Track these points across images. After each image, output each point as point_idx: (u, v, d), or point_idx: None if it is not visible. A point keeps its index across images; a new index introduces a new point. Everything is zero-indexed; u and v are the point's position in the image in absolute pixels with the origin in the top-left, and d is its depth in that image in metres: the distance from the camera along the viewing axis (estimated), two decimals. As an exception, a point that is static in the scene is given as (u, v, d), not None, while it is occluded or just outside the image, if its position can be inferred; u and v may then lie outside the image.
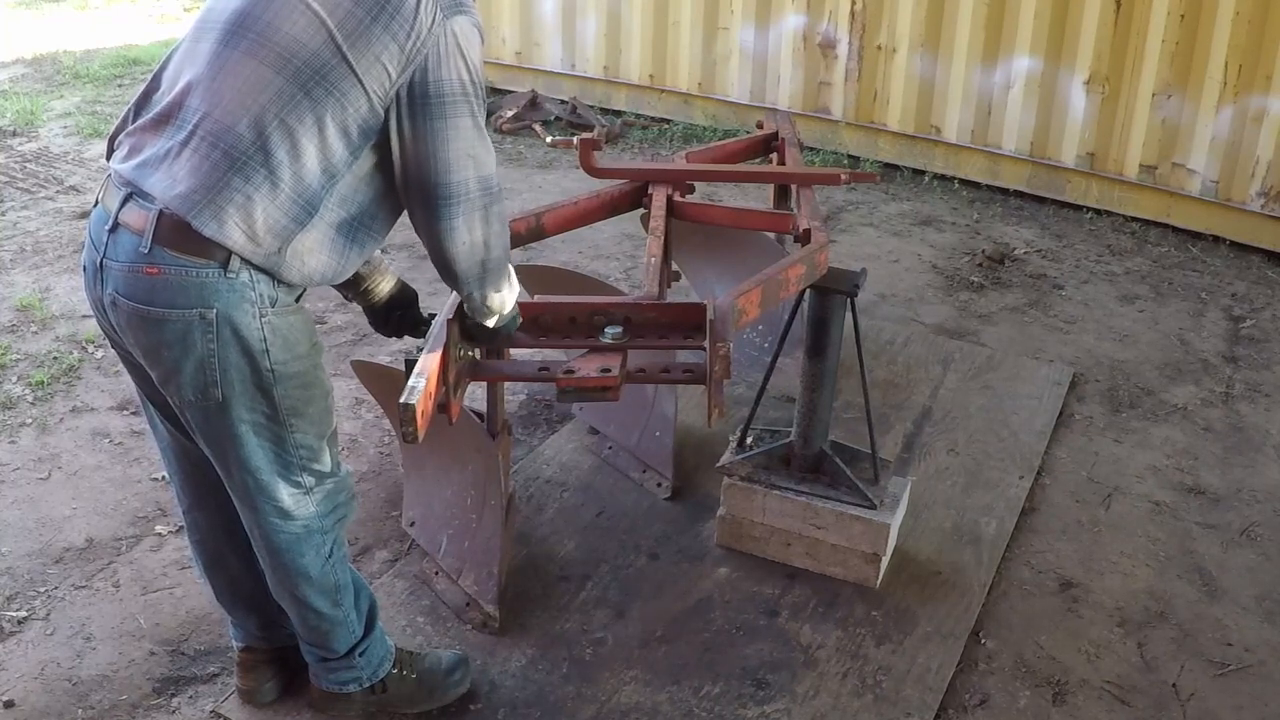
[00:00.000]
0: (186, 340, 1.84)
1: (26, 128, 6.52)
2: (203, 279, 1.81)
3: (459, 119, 1.87)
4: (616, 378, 2.20)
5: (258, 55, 1.80)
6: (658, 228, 2.84)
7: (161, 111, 1.86)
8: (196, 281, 1.81)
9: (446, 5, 1.86)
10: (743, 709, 2.46)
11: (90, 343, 3.97)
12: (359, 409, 3.61)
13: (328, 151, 1.84)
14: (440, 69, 1.85)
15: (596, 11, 6.78)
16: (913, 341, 4.14)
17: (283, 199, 1.82)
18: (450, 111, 1.86)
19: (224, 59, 1.82)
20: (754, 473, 2.90)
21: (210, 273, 1.81)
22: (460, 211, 1.91)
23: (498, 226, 1.99)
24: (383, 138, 1.88)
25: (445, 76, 1.85)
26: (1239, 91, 4.95)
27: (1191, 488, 3.35)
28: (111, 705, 2.44)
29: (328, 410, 2.09)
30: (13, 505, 3.09)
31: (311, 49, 1.80)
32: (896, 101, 5.93)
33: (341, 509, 2.19)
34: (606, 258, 4.90)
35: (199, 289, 1.81)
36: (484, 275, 2.03)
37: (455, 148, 1.88)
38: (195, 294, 1.81)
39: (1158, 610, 2.83)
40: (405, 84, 1.84)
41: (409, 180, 1.90)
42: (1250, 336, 4.35)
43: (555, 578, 2.85)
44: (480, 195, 1.93)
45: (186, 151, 1.81)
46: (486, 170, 1.94)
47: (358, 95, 1.82)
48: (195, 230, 1.78)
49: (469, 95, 1.89)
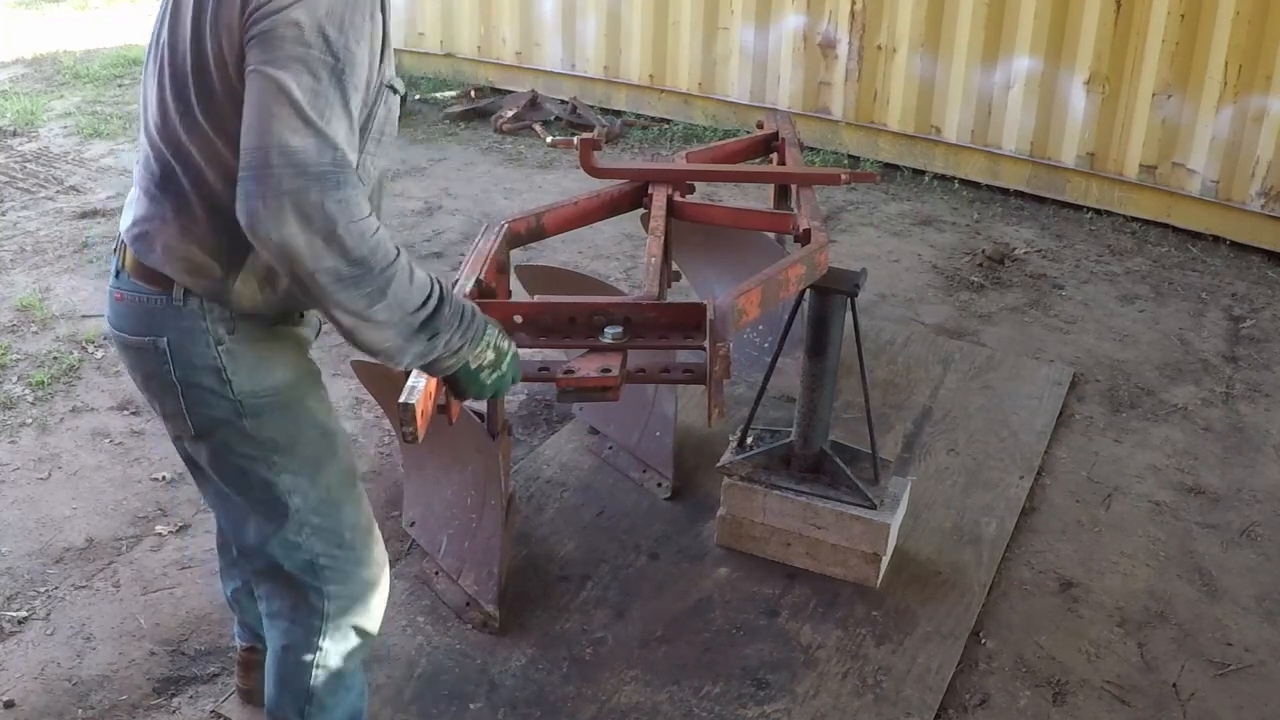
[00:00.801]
0: (150, 368, 1.75)
1: (26, 128, 6.52)
2: (152, 306, 1.71)
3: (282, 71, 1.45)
4: (616, 378, 2.20)
5: (158, 74, 1.66)
6: (658, 228, 2.84)
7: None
8: (148, 309, 1.72)
9: None
10: (743, 709, 2.46)
11: (90, 343, 3.97)
12: (359, 409, 3.61)
13: (226, 165, 1.58)
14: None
15: (596, 11, 6.78)
16: (913, 341, 4.14)
17: (201, 225, 1.65)
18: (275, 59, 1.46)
19: (145, 80, 1.73)
20: (754, 473, 2.90)
21: (158, 300, 1.71)
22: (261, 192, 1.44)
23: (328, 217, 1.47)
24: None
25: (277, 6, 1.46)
26: (1239, 91, 4.95)
27: (1191, 488, 3.35)
28: (111, 705, 2.44)
29: (329, 453, 1.85)
30: (13, 505, 3.09)
31: (182, 52, 1.59)
32: (896, 101, 5.93)
33: (356, 636, 1.96)
34: (606, 258, 4.90)
35: (149, 316, 1.72)
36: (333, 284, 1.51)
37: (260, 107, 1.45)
38: (148, 322, 1.72)
39: (1158, 610, 2.83)
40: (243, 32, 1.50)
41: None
42: (1250, 336, 4.35)
43: (555, 578, 2.86)
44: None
45: (138, 172, 1.75)
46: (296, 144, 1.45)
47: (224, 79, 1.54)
48: (139, 259, 1.71)
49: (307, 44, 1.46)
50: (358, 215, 1.46)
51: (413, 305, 1.56)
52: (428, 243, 5.04)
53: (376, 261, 1.49)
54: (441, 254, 4.91)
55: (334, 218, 1.44)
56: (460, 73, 7.52)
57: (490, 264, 2.53)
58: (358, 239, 1.46)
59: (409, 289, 1.54)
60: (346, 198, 1.45)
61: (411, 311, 1.56)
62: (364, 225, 1.47)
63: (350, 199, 1.46)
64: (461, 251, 4.78)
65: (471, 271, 2.45)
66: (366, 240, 1.47)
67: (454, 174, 6.03)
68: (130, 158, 6.08)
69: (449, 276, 2.51)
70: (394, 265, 1.51)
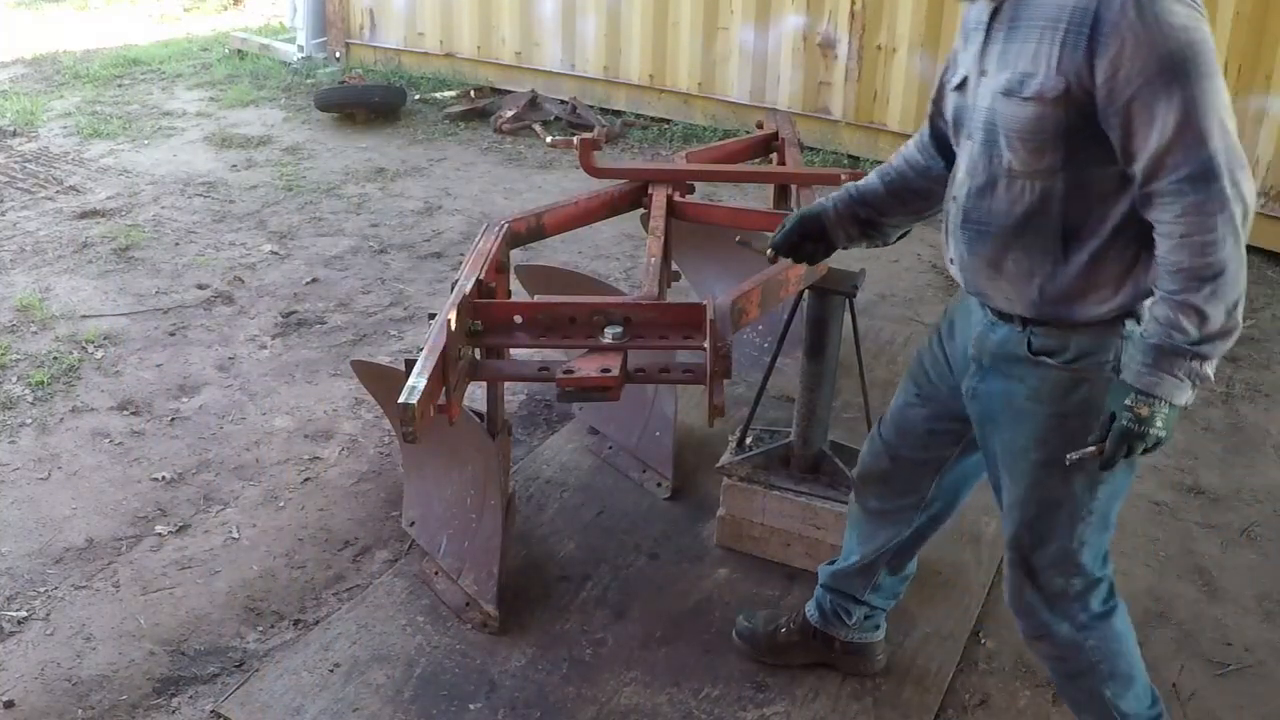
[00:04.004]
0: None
1: (26, 128, 6.52)
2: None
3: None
4: (616, 378, 2.20)
5: None
6: (658, 228, 2.84)
7: None
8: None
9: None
10: (742, 711, 2.46)
11: (90, 343, 3.97)
12: (359, 409, 3.61)
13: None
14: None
15: (596, 11, 6.78)
16: (912, 341, 4.13)
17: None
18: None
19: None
20: (753, 473, 2.90)
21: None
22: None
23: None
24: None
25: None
26: (1239, 92, 4.95)
27: (1191, 488, 3.35)
28: (111, 705, 2.44)
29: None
30: (13, 505, 3.09)
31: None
32: (896, 101, 5.93)
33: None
34: (606, 258, 4.90)
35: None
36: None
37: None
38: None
39: (1158, 610, 2.83)
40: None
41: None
42: (1250, 336, 4.35)
43: (555, 578, 2.86)
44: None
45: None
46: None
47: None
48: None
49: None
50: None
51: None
52: (428, 243, 5.04)
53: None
54: (441, 254, 4.91)
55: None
56: (460, 73, 7.53)
57: (490, 264, 2.53)
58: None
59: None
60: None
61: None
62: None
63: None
64: (461, 251, 4.78)
65: (471, 271, 2.45)
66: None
67: (454, 174, 6.03)
68: (130, 158, 6.08)
69: (449, 276, 2.51)
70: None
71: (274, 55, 8.23)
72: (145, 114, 6.90)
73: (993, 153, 1.81)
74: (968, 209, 1.88)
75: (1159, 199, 1.66)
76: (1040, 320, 1.84)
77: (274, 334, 4.12)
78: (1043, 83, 1.69)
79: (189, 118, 6.88)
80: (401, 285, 4.57)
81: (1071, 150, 1.72)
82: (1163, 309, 1.69)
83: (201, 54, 8.53)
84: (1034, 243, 1.80)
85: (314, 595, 2.79)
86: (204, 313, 4.27)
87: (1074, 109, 1.68)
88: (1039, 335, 1.85)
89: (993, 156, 1.81)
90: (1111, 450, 1.74)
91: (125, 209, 5.32)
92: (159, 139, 6.44)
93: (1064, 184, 1.75)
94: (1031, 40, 1.72)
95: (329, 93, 6.88)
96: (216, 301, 4.37)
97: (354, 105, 6.78)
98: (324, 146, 6.41)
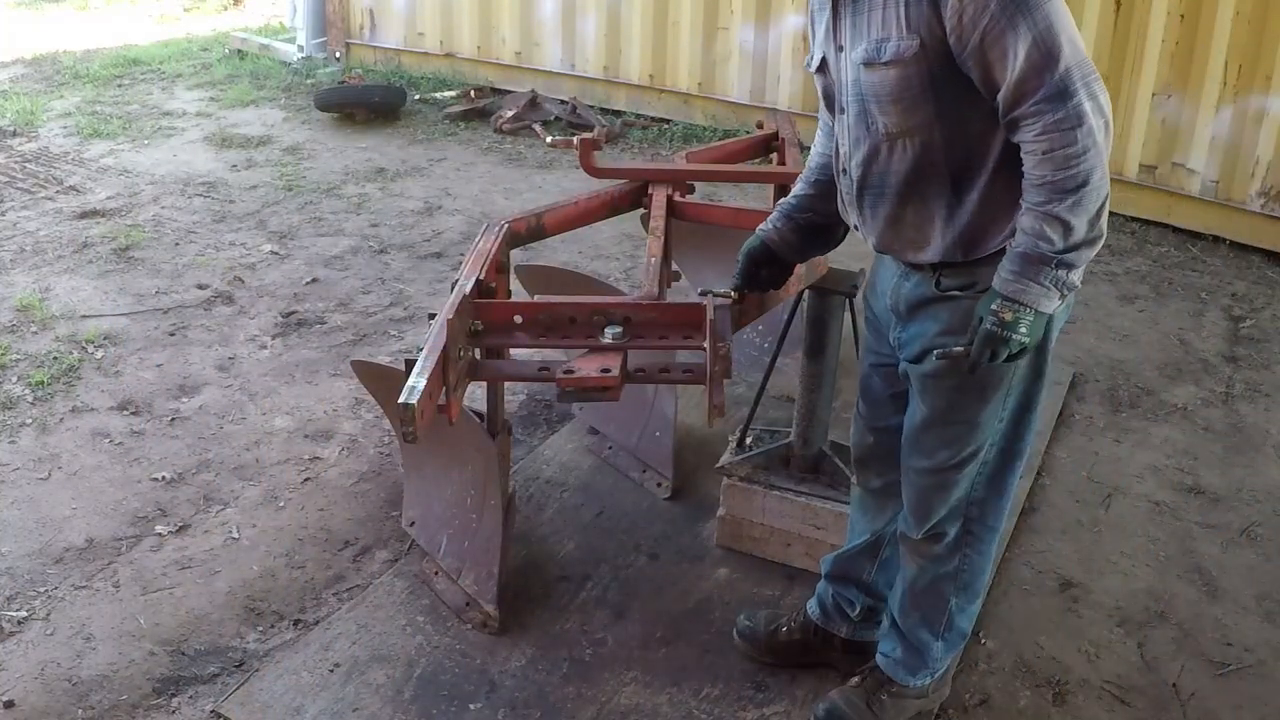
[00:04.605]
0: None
1: (26, 128, 6.52)
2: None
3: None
4: (616, 378, 2.20)
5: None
6: (658, 228, 2.84)
7: None
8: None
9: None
10: (742, 711, 2.46)
11: (90, 343, 3.97)
12: (359, 409, 3.61)
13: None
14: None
15: (596, 11, 6.78)
16: (913, 341, 4.13)
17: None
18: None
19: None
20: (753, 473, 2.89)
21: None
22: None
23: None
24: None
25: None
26: (1239, 91, 4.95)
27: (1191, 488, 3.35)
28: (111, 705, 2.44)
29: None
30: (13, 505, 3.09)
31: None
32: (896, 101, 5.92)
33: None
34: (606, 258, 4.90)
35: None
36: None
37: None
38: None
39: (1158, 610, 2.83)
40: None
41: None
42: (1250, 336, 4.35)
43: (555, 578, 2.86)
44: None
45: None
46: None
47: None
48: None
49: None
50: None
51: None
52: (428, 243, 5.04)
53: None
54: (441, 254, 4.91)
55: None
56: (460, 73, 7.53)
57: (490, 264, 2.53)
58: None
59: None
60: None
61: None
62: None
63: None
64: (461, 251, 4.78)
65: (471, 271, 2.45)
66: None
67: (454, 174, 6.03)
68: (130, 158, 6.09)
69: (449, 276, 2.51)
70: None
71: (274, 55, 8.23)
72: (145, 114, 6.91)
73: (868, 121, 1.90)
74: (858, 178, 1.97)
75: (1023, 122, 1.75)
76: (948, 263, 1.93)
77: (274, 334, 4.12)
78: (898, 44, 1.78)
79: (189, 118, 6.88)
80: (401, 285, 4.57)
81: (940, 100, 1.81)
82: (1029, 220, 1.77)
83: (201, 54, 8.54)
84: (927, 193, 1.89)
85: (314, 595, 2.79)
86: (204, 313, 4.27)
87: (934, 61, 1.77)
88: (947, 275, 1.94)
89: (869, 124, 1.90)
90: (977, 353, 1.83)
91: (125, 209, 5.32)
92: (159, 139, 6.44)
93: (941, 133, 1.84)
94: (878, 6, 1.81)
95: (329, 93, 6.89)
96: (216, 301, 4.37)
97: (354, 105, 6.79)
98: (324, 146, 6.41)
